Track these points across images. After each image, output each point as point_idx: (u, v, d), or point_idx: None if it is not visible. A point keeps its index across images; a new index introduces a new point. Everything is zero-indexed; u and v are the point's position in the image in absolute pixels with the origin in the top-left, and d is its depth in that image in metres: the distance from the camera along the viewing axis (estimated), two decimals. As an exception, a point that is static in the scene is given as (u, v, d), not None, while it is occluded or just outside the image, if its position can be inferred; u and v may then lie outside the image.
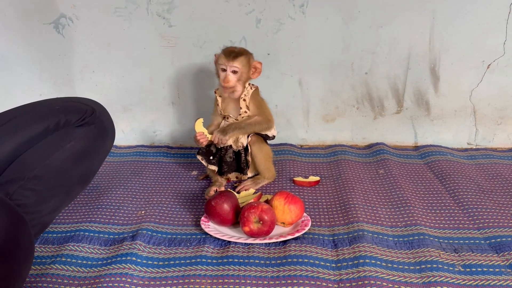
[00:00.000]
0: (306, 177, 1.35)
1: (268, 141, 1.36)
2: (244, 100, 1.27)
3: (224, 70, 1.23)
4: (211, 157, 1.29)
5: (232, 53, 1.22)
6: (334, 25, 1.50)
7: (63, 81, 1.60)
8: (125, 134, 1.66)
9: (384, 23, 1.49)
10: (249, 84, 1.28)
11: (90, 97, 1.16)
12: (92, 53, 1.56)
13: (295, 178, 1.34)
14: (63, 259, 0.96)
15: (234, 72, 1.23)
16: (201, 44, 1.53)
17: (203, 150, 1.29)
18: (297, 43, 1.52)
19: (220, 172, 1.30)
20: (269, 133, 1.32)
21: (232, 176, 1.34)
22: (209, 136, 1.26)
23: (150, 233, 1.06)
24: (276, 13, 1.49)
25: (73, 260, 0.96)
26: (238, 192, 1.26)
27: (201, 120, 1.25)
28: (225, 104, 1.30)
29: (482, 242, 1.01)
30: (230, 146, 1.28)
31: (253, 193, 1.26)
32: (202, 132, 1.25)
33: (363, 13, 1.48)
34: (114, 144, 1.36)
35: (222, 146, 1.26)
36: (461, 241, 1.02)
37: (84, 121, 1.02)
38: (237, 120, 1.28)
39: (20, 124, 0.97)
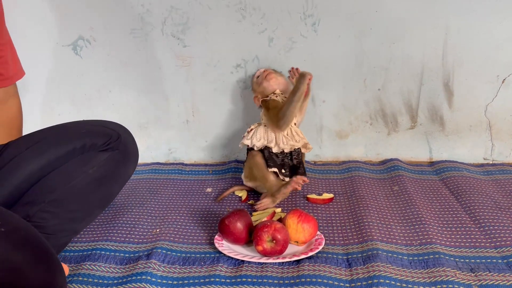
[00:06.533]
0: (320, 194, 1.35)
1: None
2: None
3: None
4: (283, 170, 1.35)
5: None
6: (346, 42, 1.51)
7: (81, 100, 1.64)
8: (141, 152, 1.66)
9: (396, 39, 1.50)
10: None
11: (106, 115, 1.19)
12: (109, 73, 1.60)
13: (308, 196, 1.35)
14: (80, 278, 0.98)
15: None
16: (215, 63, 1.56)
17: (276, 163, 1.34)
18: (309, 61, 1.54)
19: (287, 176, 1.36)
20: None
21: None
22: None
23: (164, 251, 1.07)
24: (288, 32, 1.51)
25: (90, 280, 0.97)
26: (256, 211, 1.26)
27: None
28: None
29: (500, 261, 1.00)
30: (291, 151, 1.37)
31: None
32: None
33: (375, 30, 1.49)
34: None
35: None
36: (478, 260, 1.00)
37: (108, 146, 1.04)
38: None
39: (47, 146, 1.00)
